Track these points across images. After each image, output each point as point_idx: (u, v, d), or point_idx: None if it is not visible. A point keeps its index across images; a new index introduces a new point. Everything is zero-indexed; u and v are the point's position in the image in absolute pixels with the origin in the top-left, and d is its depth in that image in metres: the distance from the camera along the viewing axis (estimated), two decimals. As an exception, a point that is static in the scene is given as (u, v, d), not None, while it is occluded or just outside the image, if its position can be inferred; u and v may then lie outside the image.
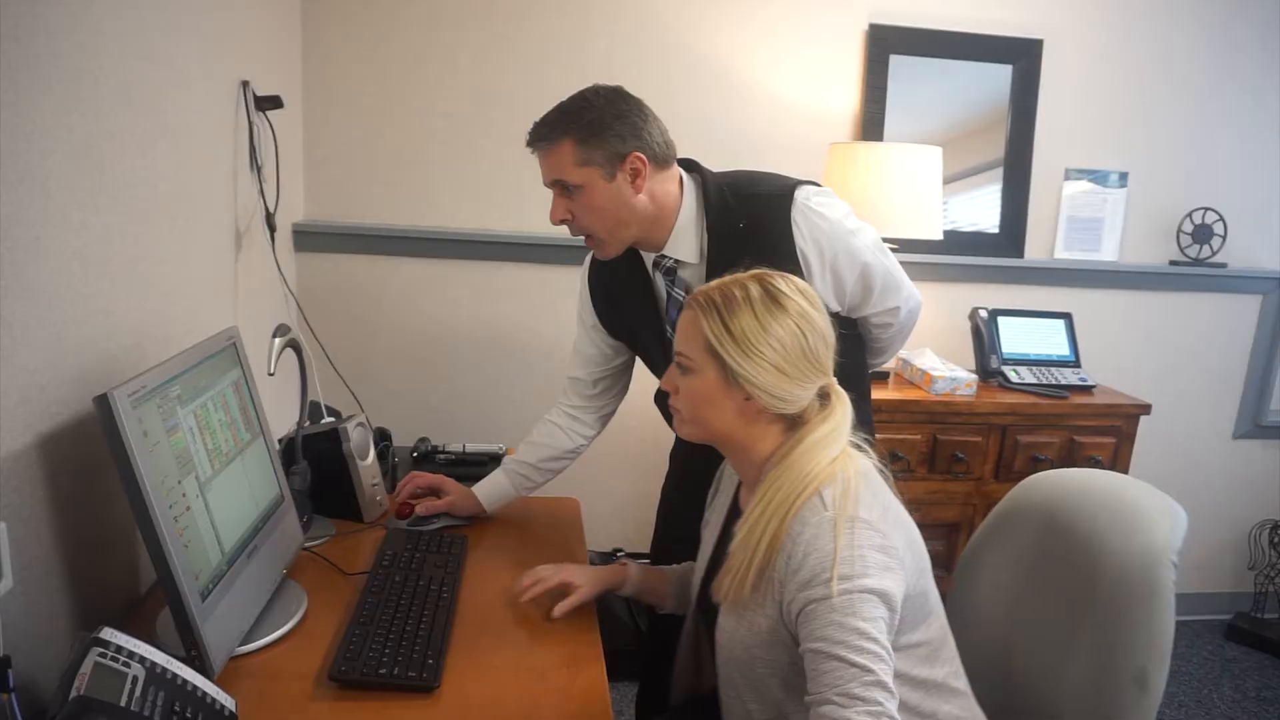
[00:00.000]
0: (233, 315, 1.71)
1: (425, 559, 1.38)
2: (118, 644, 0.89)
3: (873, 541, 0.97)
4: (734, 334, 1.05)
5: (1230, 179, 2.73)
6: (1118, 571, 1.17)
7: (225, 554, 1.12)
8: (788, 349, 1.05)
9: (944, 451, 2.22)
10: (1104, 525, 1.22)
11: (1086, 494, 1.28)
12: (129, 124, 1.22)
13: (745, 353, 1.05)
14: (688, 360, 1.10)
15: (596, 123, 1.31)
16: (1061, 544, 1.26)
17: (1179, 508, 1.22)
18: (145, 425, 0.98)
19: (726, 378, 1.07)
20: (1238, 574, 3.01)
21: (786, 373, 1.05)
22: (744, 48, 2.42)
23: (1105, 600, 1.18)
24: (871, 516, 0.99)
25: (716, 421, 1.10)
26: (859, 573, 0.95)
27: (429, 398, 2.45)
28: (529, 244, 2.40)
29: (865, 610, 0.93)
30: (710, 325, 1.07)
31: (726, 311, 1.06)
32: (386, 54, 2.29)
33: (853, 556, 0.95)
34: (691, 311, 1.10)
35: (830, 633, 0.93)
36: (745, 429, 1.09)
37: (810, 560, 0.97)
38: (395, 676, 1.07)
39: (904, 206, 2.16)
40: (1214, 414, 2.90)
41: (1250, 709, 2.53)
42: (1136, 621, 1.15)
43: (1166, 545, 1.17)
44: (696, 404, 1.10)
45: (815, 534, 0.98)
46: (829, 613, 0.93)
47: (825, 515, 0.99)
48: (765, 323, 1.05)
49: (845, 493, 1.01)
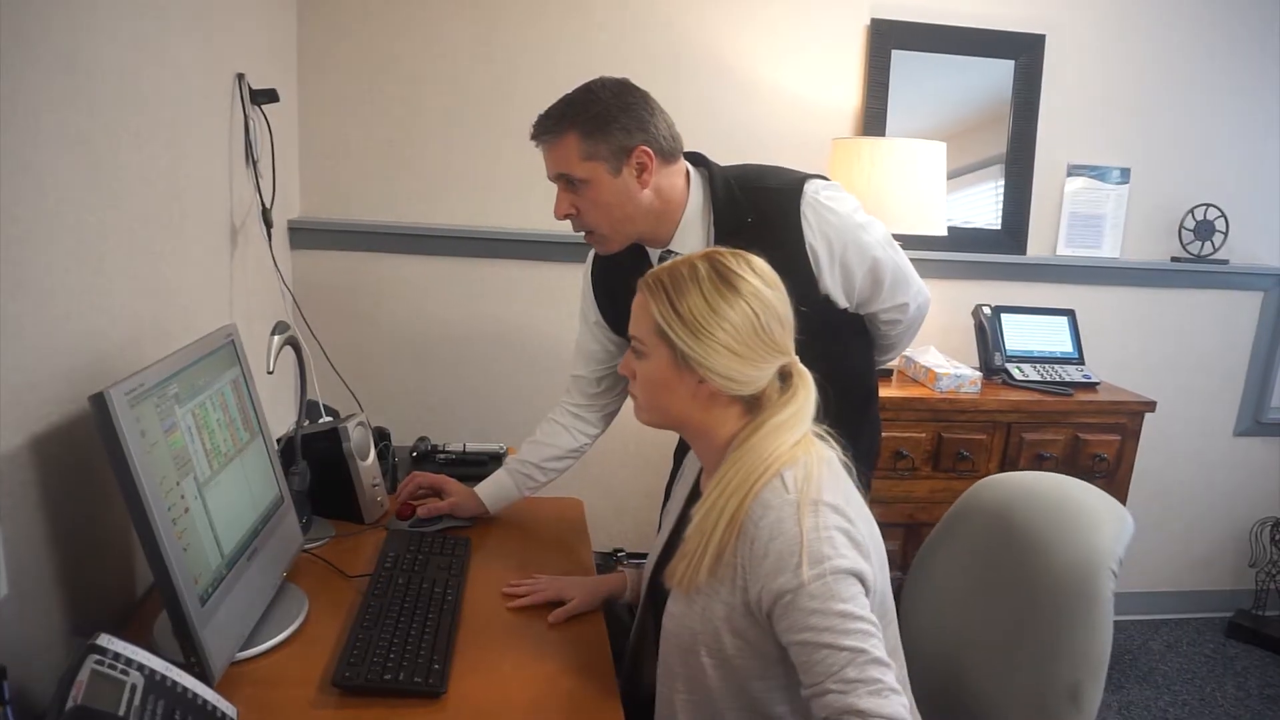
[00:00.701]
0: (228, 313, 1.68)
1: (429, 561, 1.36)
2: (115, 651, 0.86)
3: (838, 524, 0.94)
4: (682, 315, 1.02)
5: (1232, 175, 2.71)
6: (1057, 577, 1.14)
7: (225, 557, 1.09)
8: (739, 329, 1.01)
9: (948, 450, 2.20)
10: (1048, 529, 1.18)
11: (1034, 497, 1.24)
12: (124, 116, 1.19)
13: (694, 334, 1.01)
14: (640, 344, 1.07)
15: (602, 115, 1.29)
16: (1007, 548, 1.22)
17: (1127, 513, 1.17)
18: (143, 425, 0.95)
19: (677, 361, 1.03)
20: (1238, 571, 3.00)
21: (739, 354, 1.01)
22: (746, 41, 2.39)
23: (1045, 608, 1.14)
24: (836, 501, 0.96)
25: (672, 406, 1.07)
26: (828, 554, 0.91)
27: (427, 397, 2.42)
28: (528, 240, 2.37)
29: (842, 590, 0.90)
30: (658, 307, 1.03)
31: (674, 292, 1.03)
32: (383, 47, 2.25)
33: (820, 539, 0.92)
34: (641, 294, 1.07)
35: (813, 621, 0.89)
36: (702, 413, 1.06)
37: (775, 545, 0.93)
38: (401, 682, 1.04)
39: (907, 202, 2.14)
40: (1215, 411, 2.89)
41: (1254, 707, 2.52)
42: (1073, 632, 1.11)
43: (1109, 551, 1.12)
44: (651, 389, 1.07)
45: (778, 517, 0.94)
46: (807, 601, 0.90)
47: (787, 498, 0.95)
48: (714, 303, 1.01)
49: (808, 476, 0.97)
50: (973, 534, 1.29)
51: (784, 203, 1.34)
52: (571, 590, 1.30)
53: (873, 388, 1.60)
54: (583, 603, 1.28)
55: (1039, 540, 1.18)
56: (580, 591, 1.30)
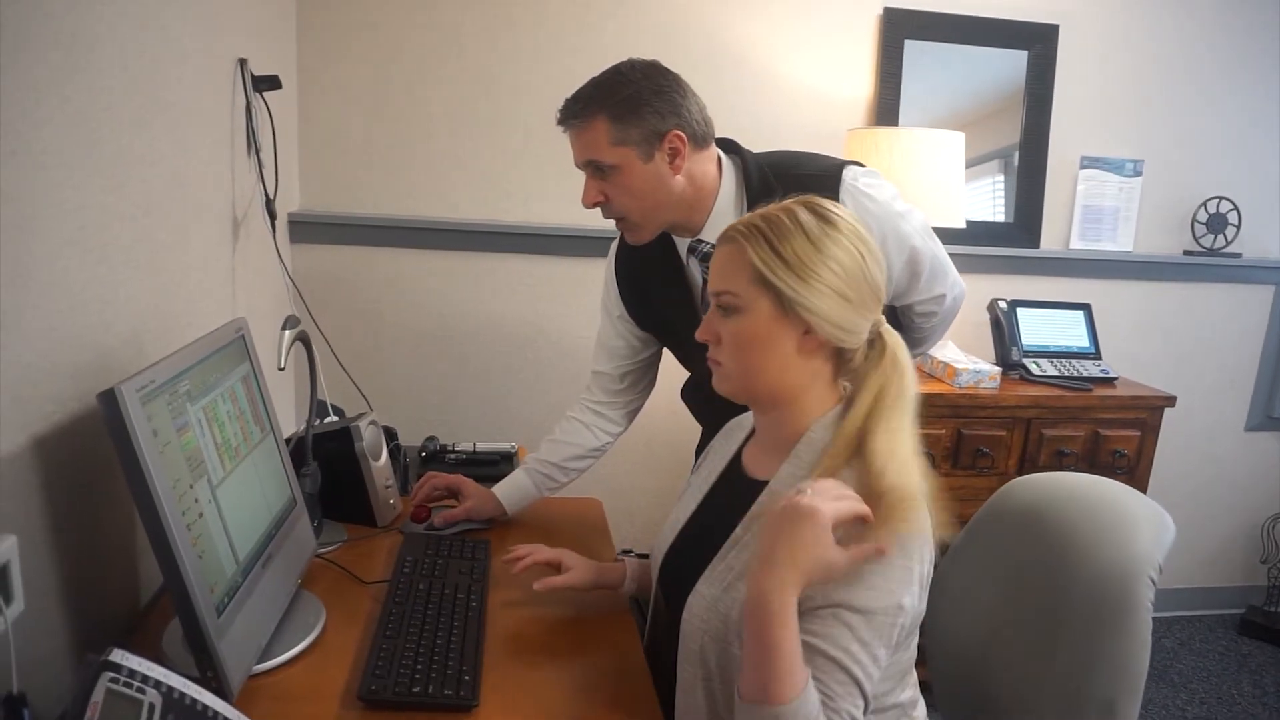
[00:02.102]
0: (231, 307, 1.61)
1: (448, 565, 1.29)
2: (130, 667, 0.79)
3: (925, 553, 0.90)
4: (787, 259, 0.94)
5: (1244, 168, 2.69)
6: (1092, 585, 1.07)
7: (240, 564, 1.02)
8: (847, 270, 0.94)
9: (968, 446, 2.16)
10: (1082, 533, 1.11)
11: (1068, 499, 1.17)
12: (126, 97, 1.12)
13: (802, 278, 0.93)
14: (733, 298, 0.97)
15: (633, 99, 1.23)
16: (1039, 552, 1.15)
17: (1166, 516, 1.11)
18: (155, 424, 0.88)
19: (783, 309, 0.94)
20: (1249, 568, 2.98)
21: (849, 298, 0.94)
22: (757, 31, 2.34)
23: (1078, 616, 1.08)
24: (926, 524, 0.91)
25: (768, 367, 0.97)
26: (905, 589, 0.87)
27: (432, 395, 2.35)
28: (535, 234, 2.30)
29: (894, 636, 0.87)
30: (758, 253, 0.94)
31: (776, 236, 0.95)
32: (386, 35, 2.18)
33: (906, 568, 0.87)
34: (732, 244, 0.98)
35: (836, 634, 0.85)
36: (797, 373, 0.97)
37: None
38: (431, 695, 0.98)
39: (925, 194, 2.09)
40: (1226, 406, 2.86)
41: (1271, 705, 2.49)
42: (1108, 642, 1.05)
43: (1147, 557, 1.06)
44: (745, 348, 0.97)
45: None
46: (857, 625, 0.85)
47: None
48: (821, 244, 0.94)
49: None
50: (1002, 536, 1.23)
51: (822, 190, 1.27)
52: (571, 561, 1.24)
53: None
54: (578, 578, 1.22)
55: (1073, 544, 1.12)
56: (578, 565, 1.23)
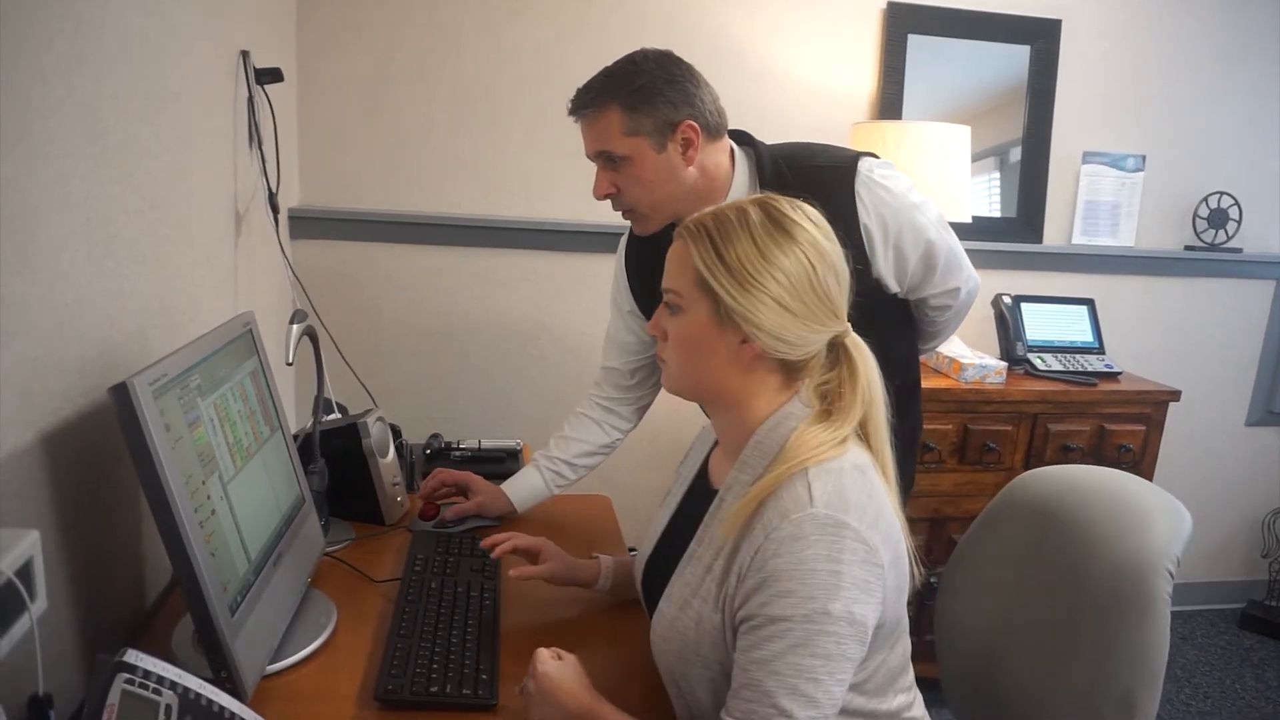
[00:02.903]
0: (233, 303, 1.59)
1: (459, 563, 1.28)
2: (145, 668, 0.77)
3: (858, 554, 0.83)
4: (728, 263, 0.89)
5: (1246, 164, 2.69)
6: (1108, 578, 1.06)
7: (251, 562, 1.00)
8: (793, 281, 0.89)
9: (974, 441, 2.15)
10: (1098, 526, 1.10)
11: (1081, 491, 1.16)
12: (132, 86, 1.10)
13: (741, 285, 0.89)
14: (676, 297, 0.94)
15: (646, 88, 1.21)
16: (1054, 546, 1.14)
17: (1183, 509, 1.10)
18: (167, 418, 0.86)
19: (719, 316, 0.90)
20: (1250, 562, 2.98)
21: (791, 309, 0.89)
22: (761, 26, 2.33)
23: (1095, 610, 1.07)
24: (862, 525, 0.84)
25: (707, 371, 0.94)
26: (833, 594, 0.81)
27: (434, 392, 2.33)
28: (538, 230, 2.28)
29: (824, 645, 0.81)
30: (700, 253, 0.90)
31: (721, 238, 0.90)
32: (387, 29, 2.16)
33: (826, 571, 0.82)
34: (681, 241, 0.94)
35: (773, 662, 0.81)
36: (740, 379, 0.93)
37: (776, 563, 0.83)
38: (449, 694, 0.97)
39: (931, 188, 2.07)
40: (1227, 401, 2.87)
41: (1274, 698, 2.50)
42: (1126, 636, 1.04)
43: (1164, 550, 1.04)
44: (685, 350, 0.94)
45: (793, 533, 0.83)
46: (784, 635, 0.81)
47: (809, 511, 0.84)
48: (766, 250, 0.89)
49: (838, 490, 0.85)
50: (1016, 530, 1.21)
51: (837, 182, 1.28)
52: (549, 552, 1.21)
53: (916, 379, 1.54)
54: (553, 570, 1.20)
55: (1088, 538, 1.10)
56: (555, 557, 1.21)
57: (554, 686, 0.91)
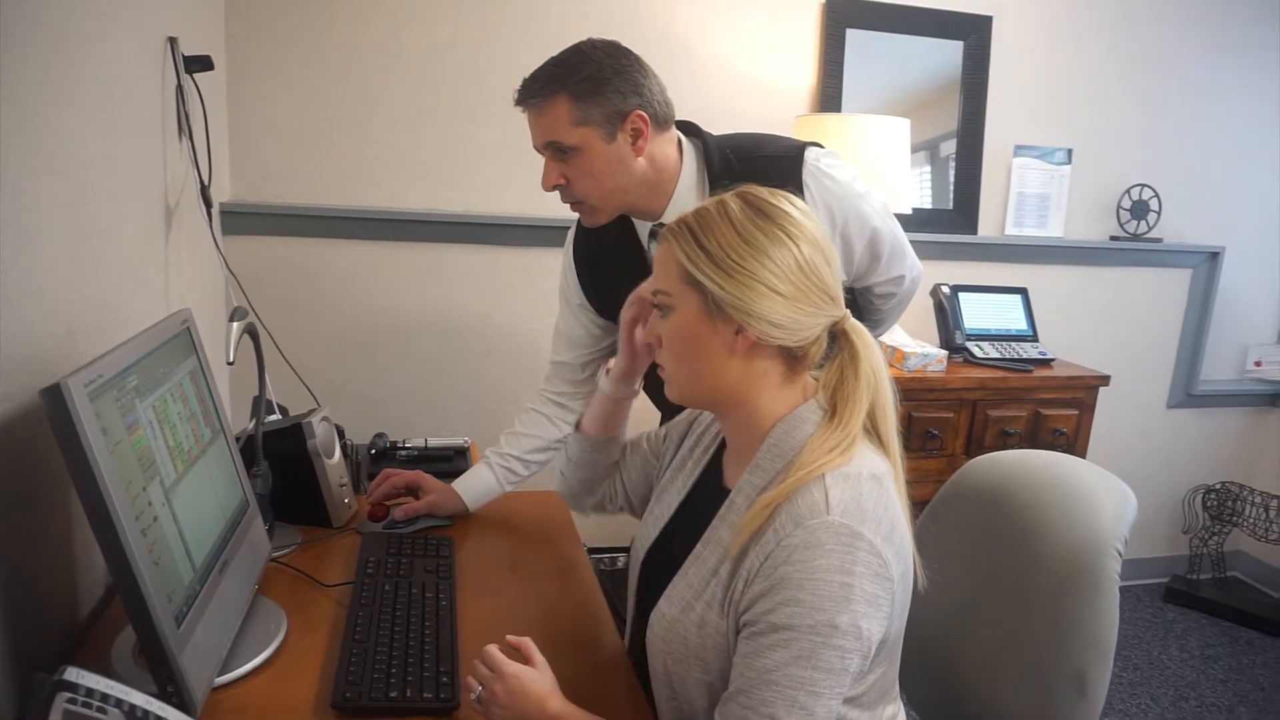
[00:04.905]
0: (165, 300, 1.52)
1: (413, 564, 1.25)
2: (88, 686, 0.73)
3: (871, 567, 0.81)
4: (711, 253, 0.87)
5: (1165, 157, 2.81)
6: (1059, 560, 1.08)
7: (197, 570, 0.96)
8: (780, 264, 0.87)
9: (918, 429, 2.20)
10: (1046, 510, 1.12)
11: (1029, 476, 1.17)
12: (53, 70, 1.04)
13: (728, 273, 0.87)
14: (665, 298, 0.92)
15: (595, 78, 1.20)
16: (1004, 530, 1.16)
17: (1128, 490, 1.13)
18: (104, 421, 0.82)
19: (709, 308, 0.88)
20: (1173, 538, 3.12)
21: (784, 294, 0.87)
22: (702, 19, 2.33)
23: (1045, 592, 1.09)
24: (876, 537, 0.83)
25: (706, 368, 0.91)
26: (841, 606, 0.80)
27: (377, 390, 2.28)
28: (481, 224, 2.25)
29: (828, 658, 0.80)
30: (684, 249, 0.89)
31: (702, 230, 0.89)
32: (318, 16, 2.09)
33: (838, 583, 0.80)
34: (664, 243, 0.92)
35: (774, 672, 0.80)
36: (740, 372, 0.90)
37: (788, 570, 0.81)
38: (409, 699, 0.94)
39: (872, 180, 2.09)
40: (1150, 385, 2.99)
41: (1197, 667, 2.62)
42: (1076, 616, 1.06)
43: (1112, 531, 1.07)
44: (681, 349, 0.92)
45: (806, 540, 0.81)
46: (787, 645, 0.80)
47: (825, 519, 0.82)
48: (750, 236, 0.87)
49: (856, 499, 0.84)
50: (966, 516, 1.23)
51: (784, 172, 1.28)
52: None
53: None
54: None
55: (1037, 522, 1.12)
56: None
57: (524, 689, 0.88)
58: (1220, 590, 2.99)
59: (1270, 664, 2.66)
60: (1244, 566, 3.20)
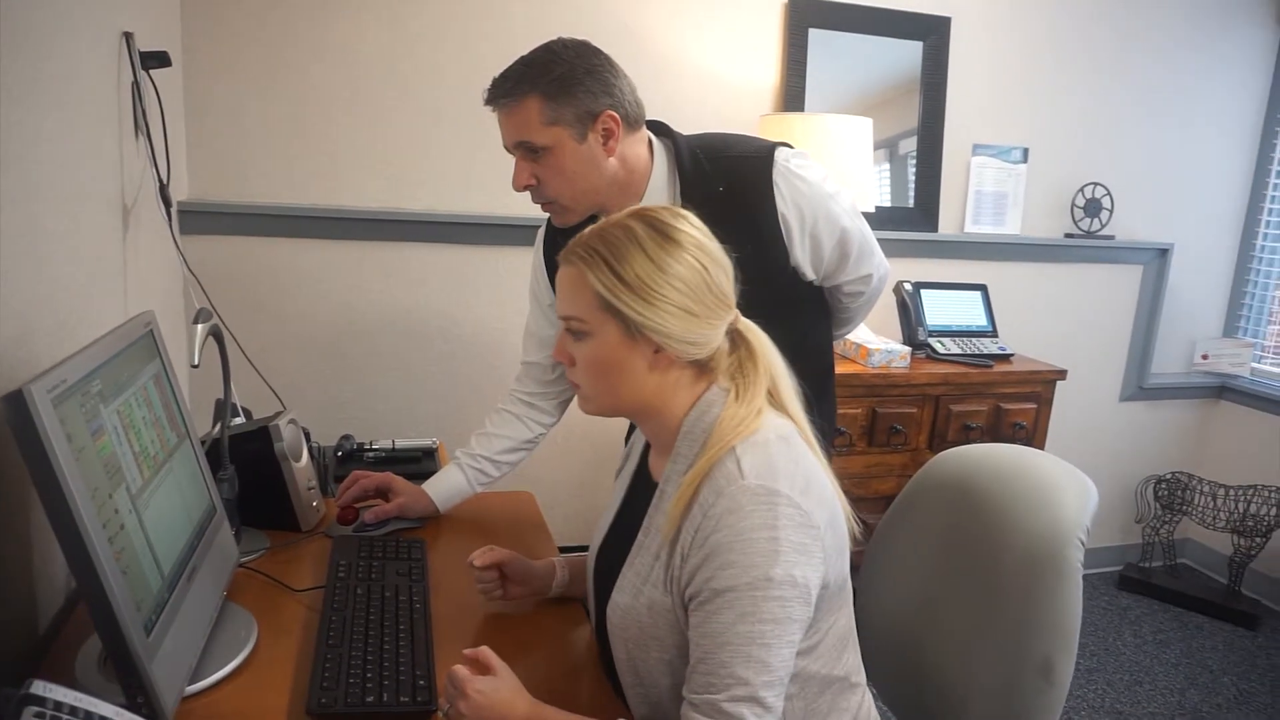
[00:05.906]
0: (123, 303, 1.48)
1: (384, 567, 1.23)
2: (56, 699, 0.71)
3: (793, 519, 0.86)
4: (628, 281, 0.91)
5: (1116, 156, 2.88)
6: (1025, 551, 1.11)
7: (165, 578, 0.94)
8: (690, 285, 0.92)
9: (882, 424, 2.23)
10: (1010, 501, 1.15)
11: (995, 468, 1.21)
12: (4, 64, 1.01)
13: (645, 300, 0.91)
14: (580, 324, 0.95)
15: (566, 77, 1.20)
16: (970, 522, 1.19)
17: (1089, 482, 1.16)
18: (69, 428, 0.80)
19: (629, 333, 0.93)
20: (1126, 528, 3.21)
21: (694, 312, 0.93)
22: (665, 19, 2.33)
23: (1011, 582, 1.12)
24: (793, 491, 0.88)
25: (625, 387, 0.96)
26: (772, 560, 0.85)
27: (343, 392, 2.25)
28: (445, 223, 2.23)
29: (771, 609, 0.84)
30: (600, 278, 0.92)
31: (615, 258, 0.92)
32: (278, 13, 2.06)
33: (763, 539, 0.85)
34: (572, 267, 0.95)
35: (725, 634, 0.84)
36: (655, 389, 0.96)
37: (716, 538, 0.86)
38: (386, 704, 0.93)
39: (837, 178, 2.12)
40: (1103, 378, 3.07)
41: (1151, 652, 2.70)
42: (1042, 605, 1.09)
43: (1075, 521, 1.10)
44: (600, 372, 0.96)
45: (727, 507, 0.87)
46: (732, 606, 0.85)
47: (741, 484, 0.87)
48: (661, 261, 0.92)
49: (767, 460, 0.90)
50: (932, 510, 1.26)
51: (754, 172, 1.30)
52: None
53: (830, 364, 1.58)
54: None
55: (1002, 513, 1.15)
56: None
57: (489, 703, 0.89)
58: (1171, 577, 3.08)
59: (1218, 648, 2.75)
60: (1193, 554, 3.31)
